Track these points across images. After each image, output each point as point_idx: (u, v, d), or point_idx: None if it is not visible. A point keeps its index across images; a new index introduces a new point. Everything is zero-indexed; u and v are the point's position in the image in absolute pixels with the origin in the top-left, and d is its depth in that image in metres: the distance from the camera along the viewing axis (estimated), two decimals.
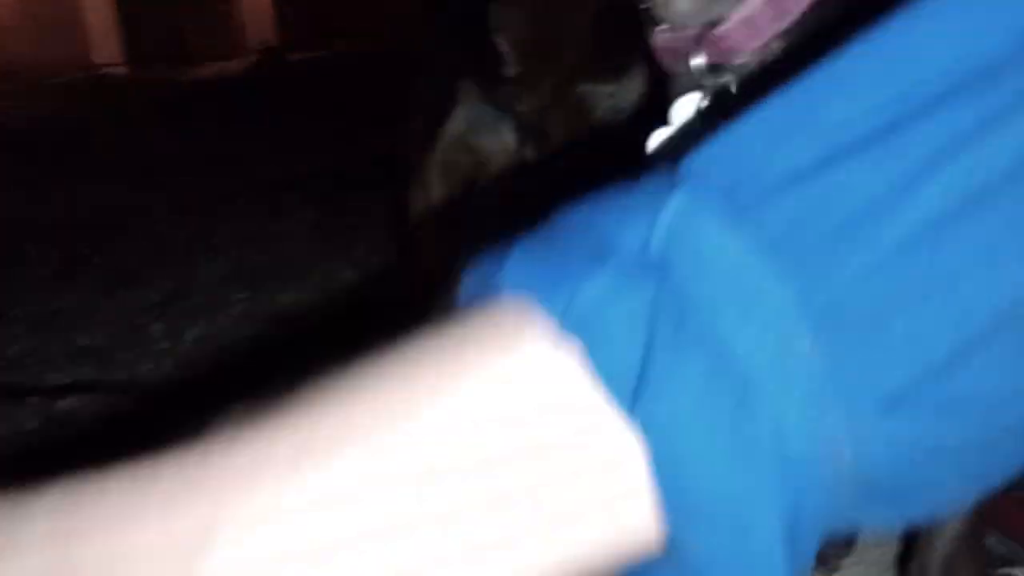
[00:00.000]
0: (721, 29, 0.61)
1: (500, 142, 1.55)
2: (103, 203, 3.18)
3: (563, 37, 1.21)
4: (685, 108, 0.67)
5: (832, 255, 0.32)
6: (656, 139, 0.68)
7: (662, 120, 0.68)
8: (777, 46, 0.61)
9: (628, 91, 0.65)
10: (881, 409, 0.32)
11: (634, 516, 0.32)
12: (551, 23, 1.19)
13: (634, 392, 0.31)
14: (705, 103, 0.64)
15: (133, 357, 1.66)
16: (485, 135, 1.53)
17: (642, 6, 0.66)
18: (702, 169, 0.35)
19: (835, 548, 0.96)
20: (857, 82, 0.35)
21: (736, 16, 0.61)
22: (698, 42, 0.63)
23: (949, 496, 0.36)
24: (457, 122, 1.50)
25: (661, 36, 0.66)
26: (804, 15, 0.59)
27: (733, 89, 0.63)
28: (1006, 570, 0.84)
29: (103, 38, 13.91)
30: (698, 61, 0.63)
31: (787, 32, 0.60)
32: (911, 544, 0.79)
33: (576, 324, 0.32)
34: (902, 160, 0.33)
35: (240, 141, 4.28)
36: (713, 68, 0.63)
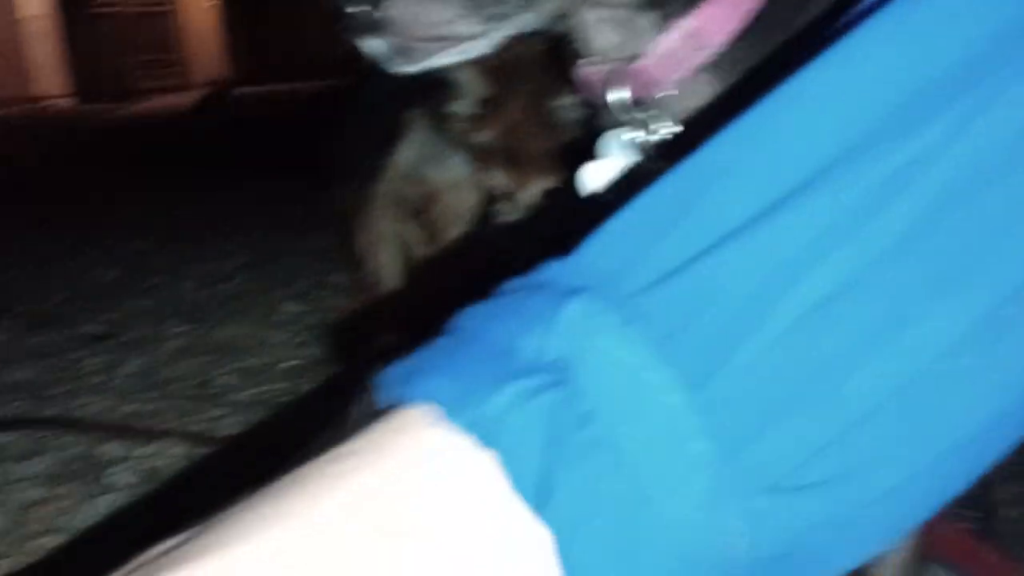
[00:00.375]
0: (640, 63, 0.61)
1: (450, 174, 1.54)
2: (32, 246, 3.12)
3: (520, 64, 1.22)
4: (611, 141, 0.67)
5: (718, 348, 0.33)
6: (587, 173, 0.68)
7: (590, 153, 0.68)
8: (705, 79, 0.61)
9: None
10: (775, 492, 0.33)
11: None
12: (507, 55, 1.20)
13: (541, 494, 0.32)
14: (631, 137, 0.64)
15: (68, 392, 1.62)
16: (434, 167, 1.53)
17: (567, 40, 0.65)
18: (591, 265, 0.36)
19: None
20: (739, 161, 0.36)
21: (654, 51, 0.60)
22: (619, 76, 0.63)
23: (850, 557, 0.37)
24: (405, 154, 1.49)
25: (583, 69, 0.65)
26: (729, 46, 0.59)
27: (660, 135, 0.62)
28: None
29: (47, 72, 13.74)
30: (618, 95, 0.63)
31: (713, 65, 0.60)
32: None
33: (484, 434, 0.33)
34: (782, 247, 0.34)
35: (179, 178, 4.24)
36: (636, 102, 0.63)
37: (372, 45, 0.55)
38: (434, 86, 0.57)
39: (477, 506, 0.33)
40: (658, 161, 0.63)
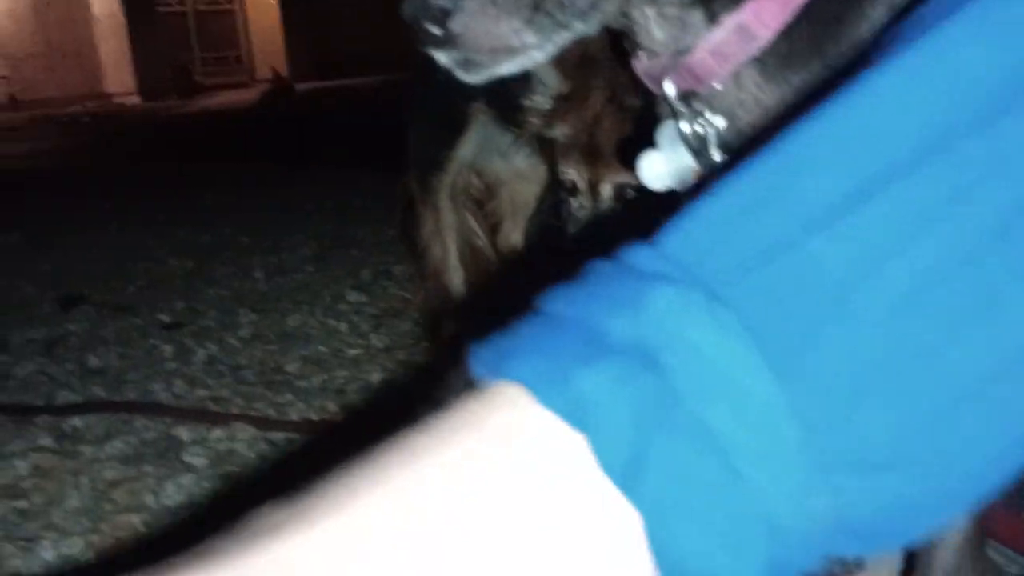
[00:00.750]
0: (691, 58, 0.63)
1: (513, 166, 1.56)
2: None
3: (595, 60, 1.24)
4: (665, 132, 0.69)
5: (805, 334, 0.35)
6: (646, 161, 0.70)
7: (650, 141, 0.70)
8: (754, 71, 0.62)
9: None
10: (860, 470, 0.35)
11: None
12: (580, 50, 1.21)
13: (631, 476, 0.33)
14: (684, 128, 0.66)
15: (144, 377, 1.68)
16: (498, 159, 1.55)
17: (626, 34, 0.68)
18: (679, 251, 0.37)
19: (846, 566, 0.96)
20: (824, 153, 0.37)
21: (704, 45, 0.62)
22: (671, 69, 0.65)
23: (930, 527, 0.38)
24: (469, 145, 1.52)
25: (639, 62, 0.68)
26: (777, 38, 0.61)
27: (708, 128, 0.65)
28: None
29: (115, 70, 14.04)
30: (671, 88, 0.65)
31: (759, 60, 0.62)
32: (913, 559, 0.79)
33: (574, 415, 0.34)
34: (869, 235, 0.35)
35: (246, 172, 4.31)
36: (689, 94, 0.65)
37: (441, 57, 0.58)
38: (501, 80, 0.59)
39: (565, 486, 0.34)
40: (720, 152, 0.65)
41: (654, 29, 0.65)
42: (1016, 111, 0.35)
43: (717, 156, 0.65)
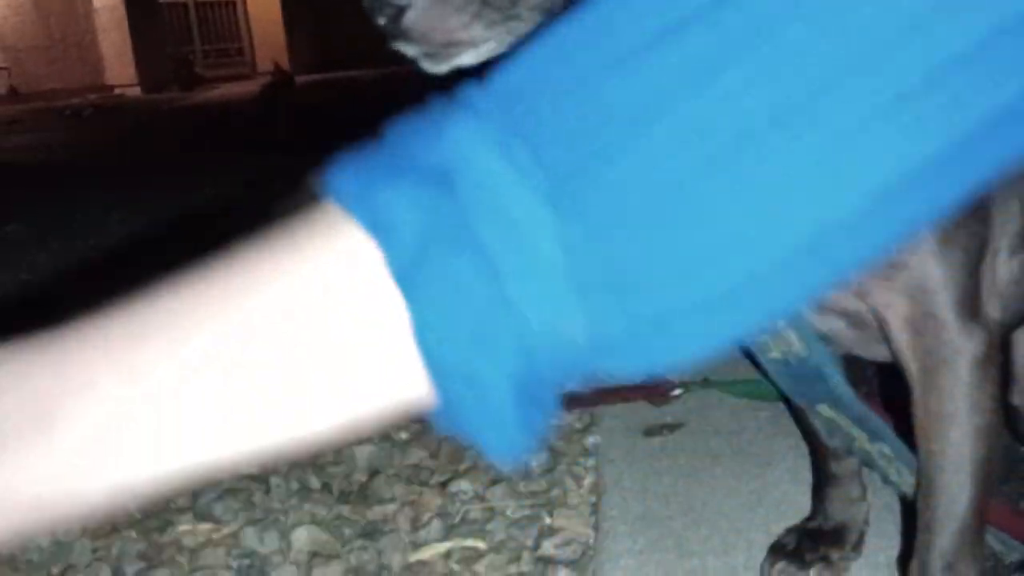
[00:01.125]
0: None
1: None
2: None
3: None
4: None
5: (589, 165, 0.39)
6: None
7: None
8: None
9: None
10: (615, 291, 0.39)
11: (402, 373, 0.40)
12: None
13: (408, 277, 0.39)
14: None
15: None
16: None
17: None
18: (494, 88, 0.42)
19: (843, 553, 0.97)
20: (627, 5, 0.41)
21: None
22: None
23: (691, 349, 0.42)
24: None
25: None
26: None
27: None
28: None
29: (117, 62, 14.03)
30: None
31: None
32: (911, 543, 0.80)
33: (370, 223, 0.39)
34: (663, 71, 0.39)
35: (248, 164, 4.31)
36: None
37: (403, 48, 0.63)
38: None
39: (354, 282, 0.39)
40: None
41: None
42: None
43: None
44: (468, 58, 0.63)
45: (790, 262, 0.41)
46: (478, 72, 0.65)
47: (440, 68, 0.64)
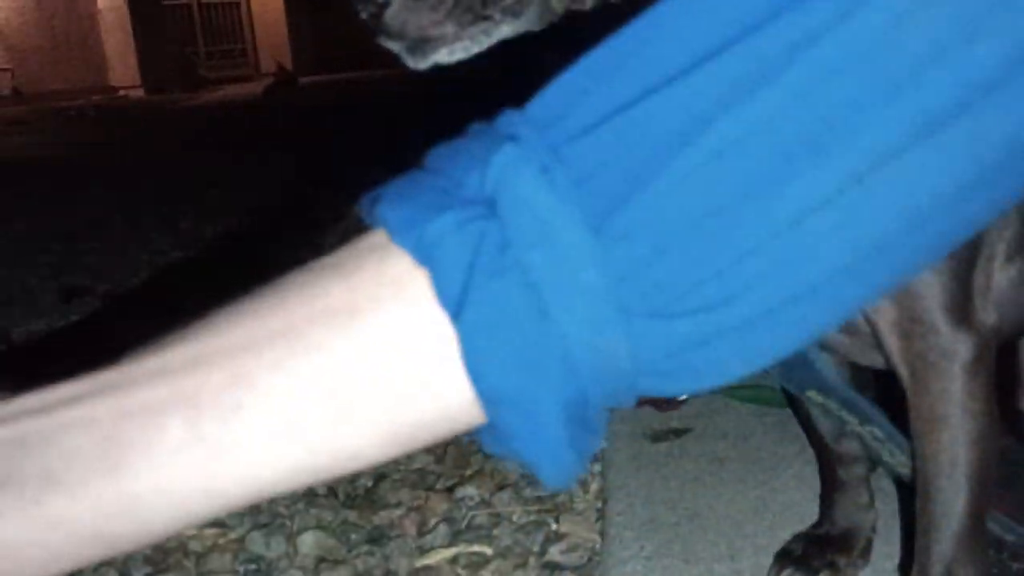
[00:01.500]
0: None
1: None
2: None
3: None
4: None
5: (623, 192, 0.40)
6: None
7: None
8: None
9: None
10: (656, 317, 0.40)
11: (452, 397, 0.41)
12: None
13: (458, 305, 0.40)
14: None
15: None
16: None
17: None
18: (533, 115, 0.43)
19: (850, 559, 0.97)
20: (662, 32, 0.42)
21: None
22: None
23: (731, 370, 0.43)
24: None
25: None
26: None
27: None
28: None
29: (120, 63, 14.03)
30: None
31: None
32: (911, 549, 0.80)
33: (421, 254, 0.40)
34: (689, 103, 0.40)
35: (251, 164, 4.31)
36: None
37: (385, 44, 0.66)
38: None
39: (408, 310, 0.41)
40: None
41: None
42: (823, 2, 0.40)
43: None
44: (445, 55, 0.67)
45: (827, 282, 0.41)
46: (455, 70, 0.68)
47: (420, 64, 0.67)
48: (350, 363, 0.40)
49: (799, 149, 0.39)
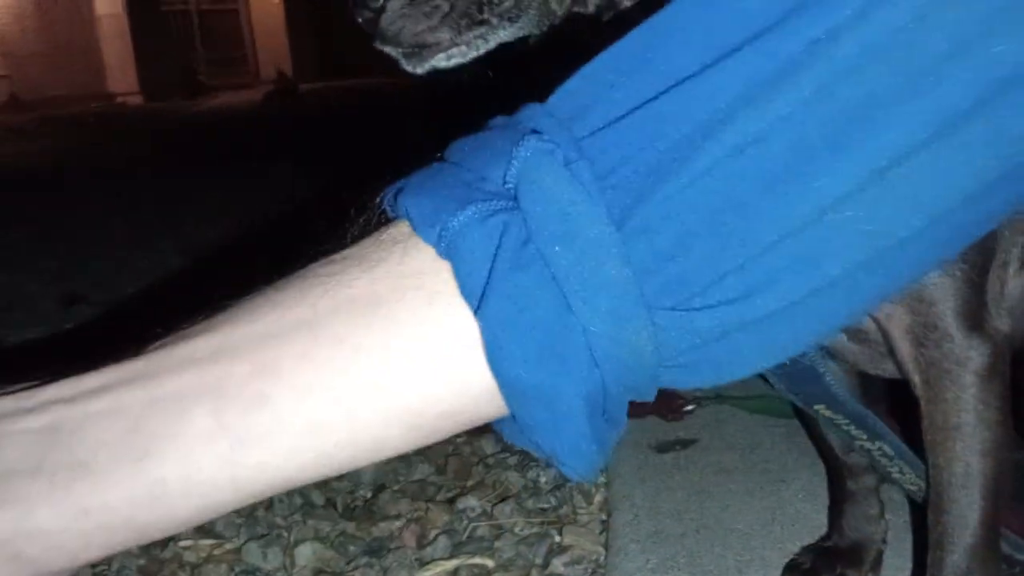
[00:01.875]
0: None
1: None
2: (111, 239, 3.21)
3: None
4: None
5: (645, 186, 0.40)
6: None
7: None
8: None
9: None
10: (677, 311, 0.40)
11: (474, 389, 0.41)
12: None
13: (482, 299, 0.40)
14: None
15: None
16: None
17: None
18: (554, 110, 0.43)
19: (860, 572, 0.95)
20: (681, 27, 0.42)
21: None
22: None
23: (751, 363, 0.44)
24: None
25: None
26: None
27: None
28: None
29: (119, 69, 14.06)
30: None
31: None
32: (922, 562, 0.79)
33: (445, 246, 0.41)
34: (709, 100, 0.40)
35: (250, 172, 4.31)
36: None
37: (383, 49, 0.66)
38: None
39: (431, 302, 0.41)
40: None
41: None
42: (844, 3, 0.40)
43: None
44: (442, 60, 0.67)
45: (848, 276, 0.41)
46: (457, 73, 0.69)
47: (418, 69, 0.68)
48: (373, 354, 0.41)
49: (820, 145, 0.39)
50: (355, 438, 0.41)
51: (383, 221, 0.43)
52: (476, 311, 0.40)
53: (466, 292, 0.40)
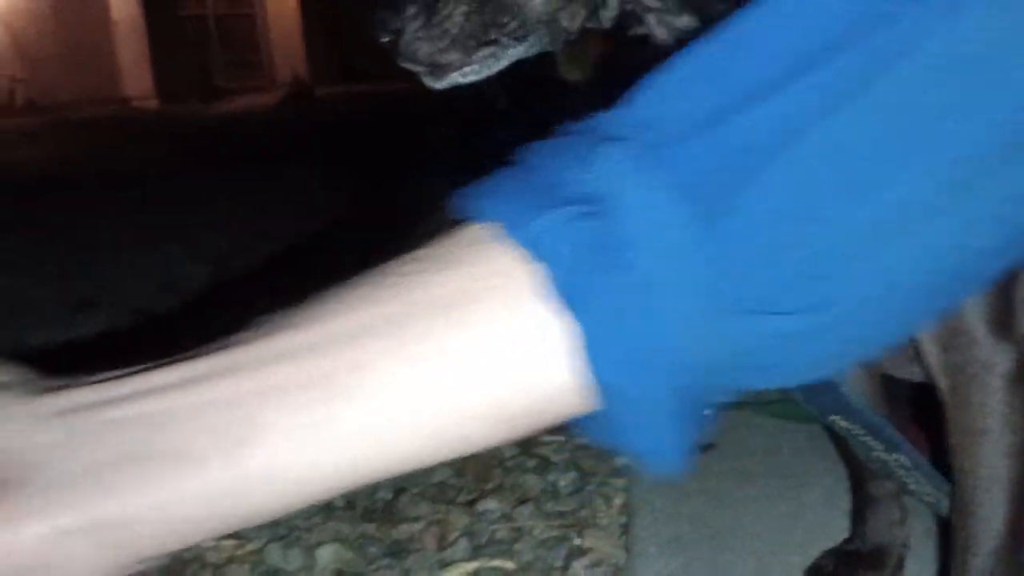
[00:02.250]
0: None
1: None
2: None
3: None
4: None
5: (730, 192, 0.41)
6: None
7: None
8: None
9: None
10: (756, 315, 0.42)
11: (558, 387, 0.42)
12: None
13: (574, 298, 0.41)
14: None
15: None
16: None
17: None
18: (632, 116, 0.44)
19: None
20: (758, 39, 0.43)
21: None
22: None
23: (823, 366, 0.46)
24: None
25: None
26: None
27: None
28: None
29: (134, 73, 14.12)
30: None
31: None
32: (945, 567, 0.78)
33: (534, 249, 0.42)
34: (789, 110, 0.41)
35: (264, 176, 4.32)
36: None
37: (405, 65, 0.71)
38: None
39: (521, 305, 0.42)
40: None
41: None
42: (912, 15, 0.41)
43: None
44: (459, 77, 0.72)
45: (925, 285, 0.43)
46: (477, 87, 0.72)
47: (438, 85, 0.72)
48: (460, 352, 0.42)
49: (897, 154, 0.40)
50: (443, 433, 0.42)
51: (452, 223, 0.44)
52: (566, 313, 0.41)
53: (554, 294, 0.41)
